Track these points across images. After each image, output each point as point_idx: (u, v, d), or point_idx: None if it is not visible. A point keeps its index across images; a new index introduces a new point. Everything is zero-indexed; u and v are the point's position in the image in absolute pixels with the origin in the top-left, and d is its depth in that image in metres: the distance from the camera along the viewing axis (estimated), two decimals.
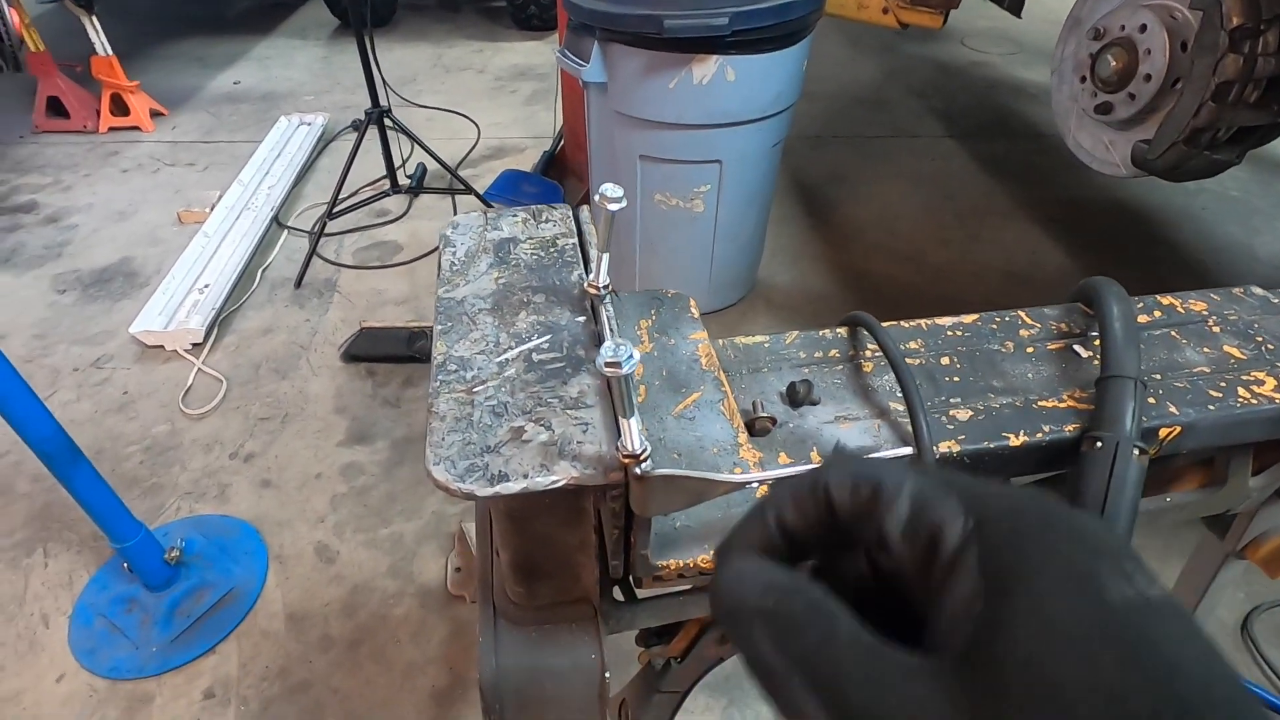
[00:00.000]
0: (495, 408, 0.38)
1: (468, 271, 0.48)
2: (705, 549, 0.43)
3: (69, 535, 1.73)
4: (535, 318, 0.44)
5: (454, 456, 0.35)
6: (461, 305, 0.45)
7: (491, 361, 0.41)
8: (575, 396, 0.39)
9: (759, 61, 1.80)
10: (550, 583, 0.52)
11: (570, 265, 0.49)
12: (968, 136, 3.49)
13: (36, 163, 3.26)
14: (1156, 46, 1.37)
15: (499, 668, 0.52)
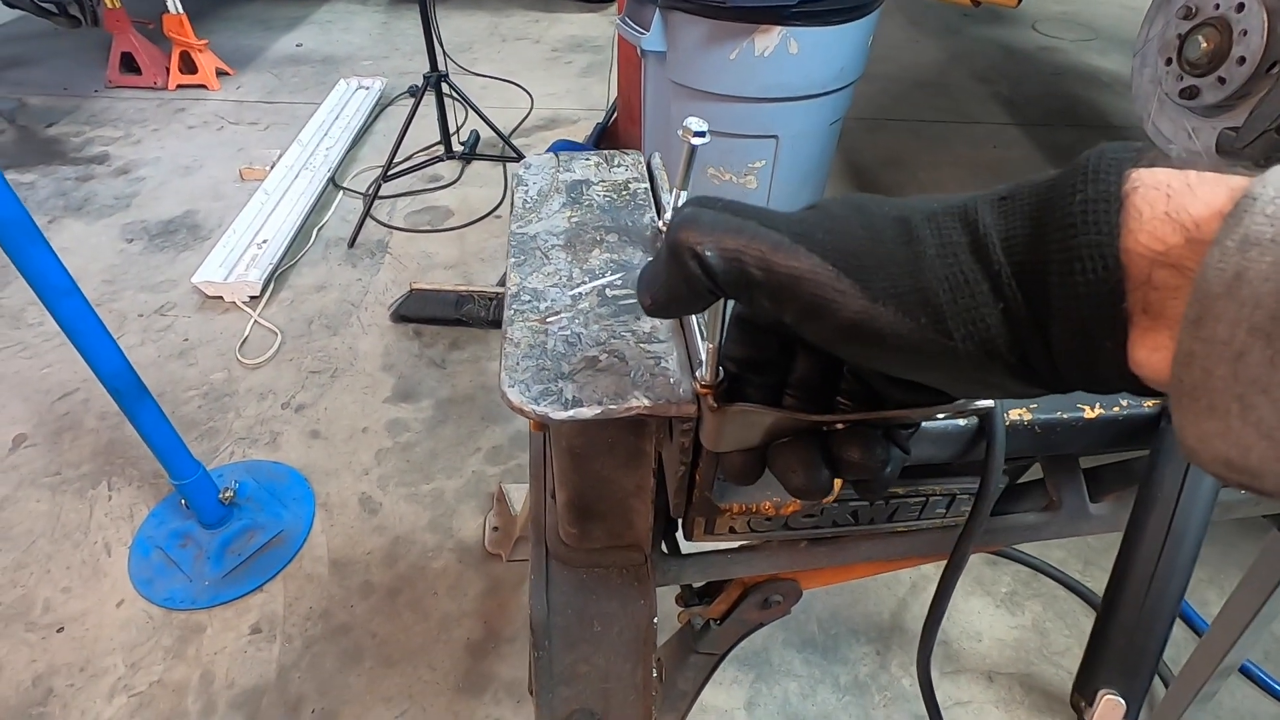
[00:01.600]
0: (569, 337, 0.38)
1: (540, 209, 0.48)
2: (769, 494, 0.42)
3: (131, 471, 1.81)
4: (608, 255, 0.44)
5: (528, 380, 0.35)
6: (535, 240, 0.45)
7: (565, 294, 0.41)
8: (648, 331, 0.39)
9: (824, 34, 1.76)
10: (604, 525, 0.52)
11: (642, 208, 0.49)
12: (1033, 125, 3.36)
13: (109, 116, 3.38)
14: (1254, 27, 1.29)
15: (550, 605, 0.53)
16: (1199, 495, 0.46)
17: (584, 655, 0.54)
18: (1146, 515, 0.47)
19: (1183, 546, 0.45)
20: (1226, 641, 1.00)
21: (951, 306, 0.26)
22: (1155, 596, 0.46)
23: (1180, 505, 0.46)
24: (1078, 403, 0.51)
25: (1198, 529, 0.45)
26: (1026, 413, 0.50)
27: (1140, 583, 0.47)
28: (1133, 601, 0.47)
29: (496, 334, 2.20)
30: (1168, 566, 0.46)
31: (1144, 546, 0.47)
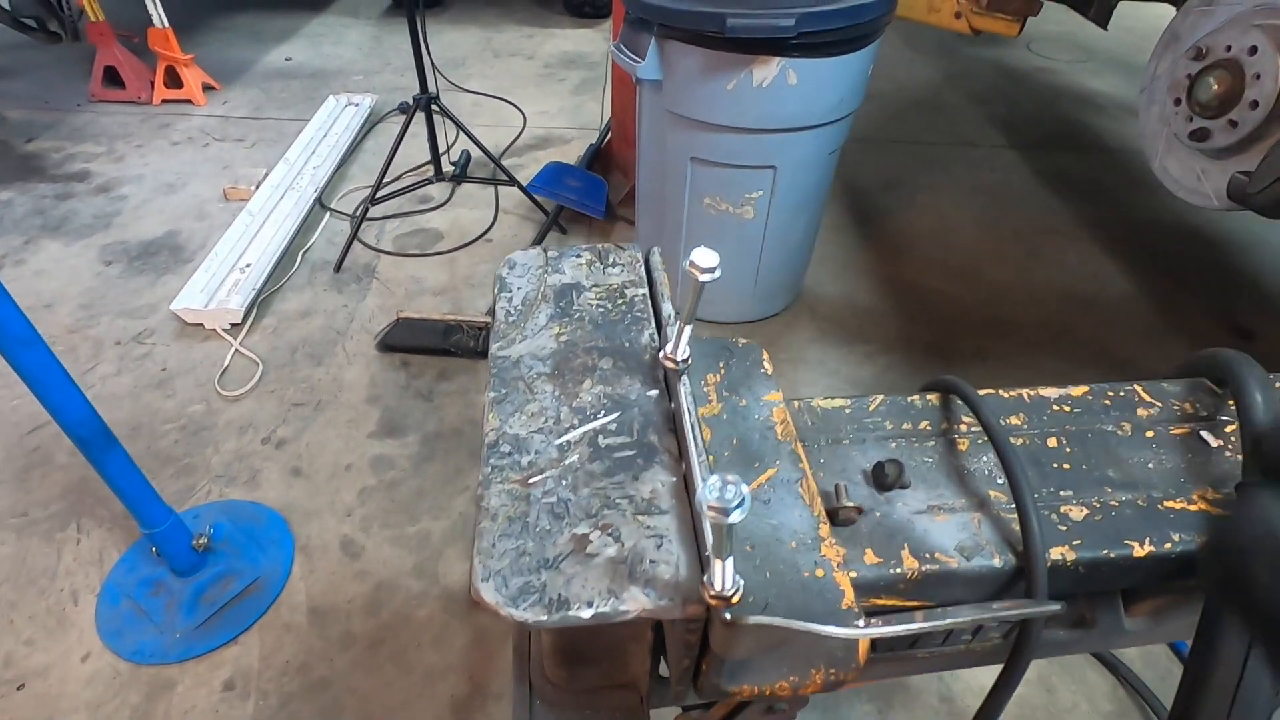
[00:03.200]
0: (555, 507, 0.32)
1: (525, 324, 0.42)
2: (786, 674, 0.37)
3: (102, 511, 1.74)
4: (602, 388, 0.38)
5: (506, 571, 0.30)
6: (518, 367, 0.39)
7: (551, 444, 0.35)
8: (648, 498, 0.33)
9: (824, 65, 1.72)
10: (595, 669, 0.47)
11: (641, 322, 0.44)
12: (1030, 147, 3.34)
13: (91, 131, 3.30)
14: (1267, 71, 1.26)
15: None
16: (1261, 684, 0.41)
17: None
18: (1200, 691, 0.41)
19: None
20: None
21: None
22: None
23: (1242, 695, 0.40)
24: (1124, 538, 0.46)
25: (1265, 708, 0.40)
26: (1069, 551, 0.45)
27: None
28: None
29: (485, 364, 2.13)
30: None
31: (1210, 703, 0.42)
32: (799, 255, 2.27)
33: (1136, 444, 0.52)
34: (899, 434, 0.52)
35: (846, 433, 0.52)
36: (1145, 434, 0.53)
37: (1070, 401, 0.55)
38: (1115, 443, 0.52)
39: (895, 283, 2.52)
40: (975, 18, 2.29)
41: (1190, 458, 0.52)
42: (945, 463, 0.50)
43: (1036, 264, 2.63)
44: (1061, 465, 0.50)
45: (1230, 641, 0.41)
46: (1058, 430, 0.53)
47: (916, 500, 0.47)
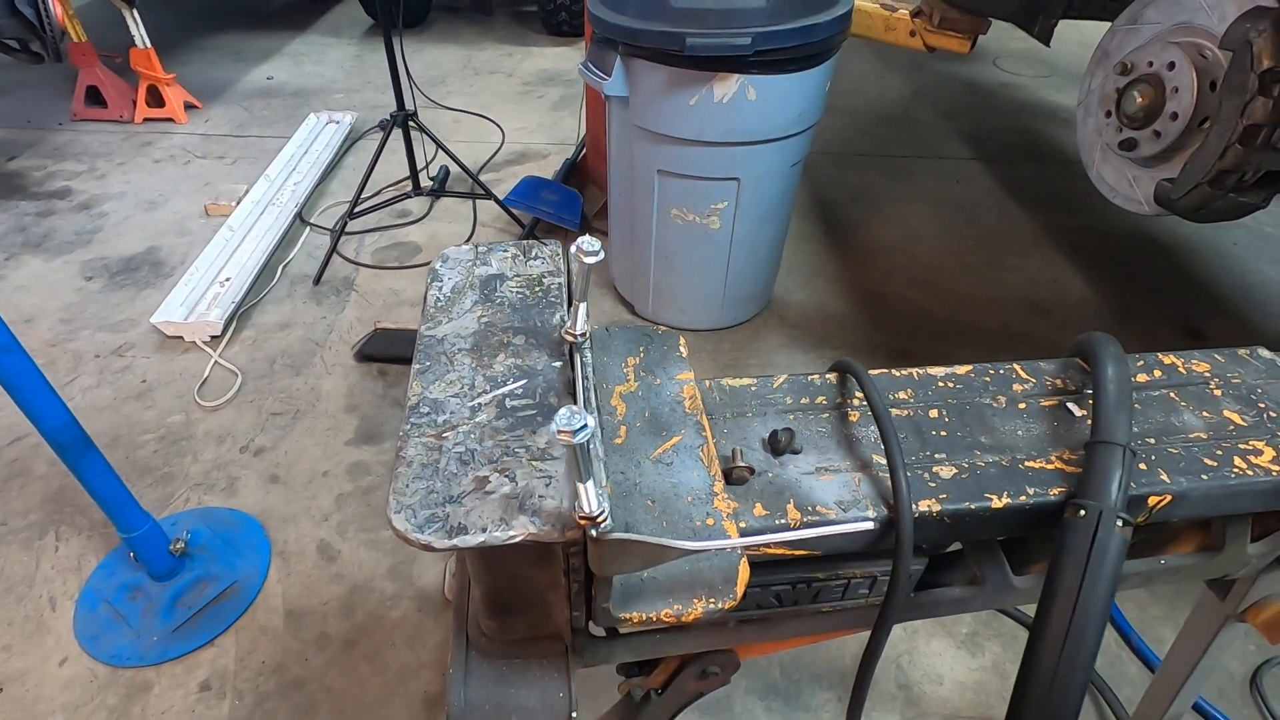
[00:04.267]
0: (463, 455, 0.38)
1: (451, 309, 0.48)
2: (670, 603, 0.42)
3: (80, 520, 1.76)
4: (513, 360, 0.44)
5: (416, 505, 0.35)
6: (441, 344, 0.45)
7: (465, 405, 0.41)
8: (542, 448, 0.39)
9: (781, 82, 1.80)
10: (522, 618, 0.52)
11: (554, 306, 0.50)
12: (994, 160, 3.45)
13: (73, 150, 3.34)
14: (1184, 85, 1.34)
15: (467, 700, 0.53)
16: (1102, 574, 0.47)
17: None
18: (1050, 606, 0.48)
19: (1082, 641, 0.46)
20: (1171, 689, 1.02)
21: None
22: (1062, 682, 0.47)
23: (1080, 598, 0.46)
24: (985, 493, 0.52)
25: (1097, 624, 0.46)
26: (936, 504, 0.51)
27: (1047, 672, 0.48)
28: (1038, 692, 0.48)
29: None
30: (1070, 659, 0.47)
31: (1047, 641, 0.48)
32: (767, 264, 2.35)
33: (1009, 414, 0.59)
34: (797, 408, 0.58)
35: (751, 407, 0.58)
36: (1018, 406, 0.59)
37: (955, 379, 0.62)
38: (990, 413, 0.59)
39: (862, 290, 2.60)
40: (929, 35, 2.39)
41: (1055, 425, 0.58)
42: (836, 432, 0.56)
43: (999, 271, 2.72)
44: (939, 433, 0.56)
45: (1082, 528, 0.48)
46: (940, 403, 0.59)
47: (806, 463, 0.53)
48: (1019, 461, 0.54)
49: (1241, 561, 0.68)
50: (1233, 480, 0.54)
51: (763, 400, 0.58)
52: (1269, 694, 1.49)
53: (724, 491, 0.48)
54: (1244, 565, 0.69)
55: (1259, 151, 1.23)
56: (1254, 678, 1.52)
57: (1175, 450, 0.56)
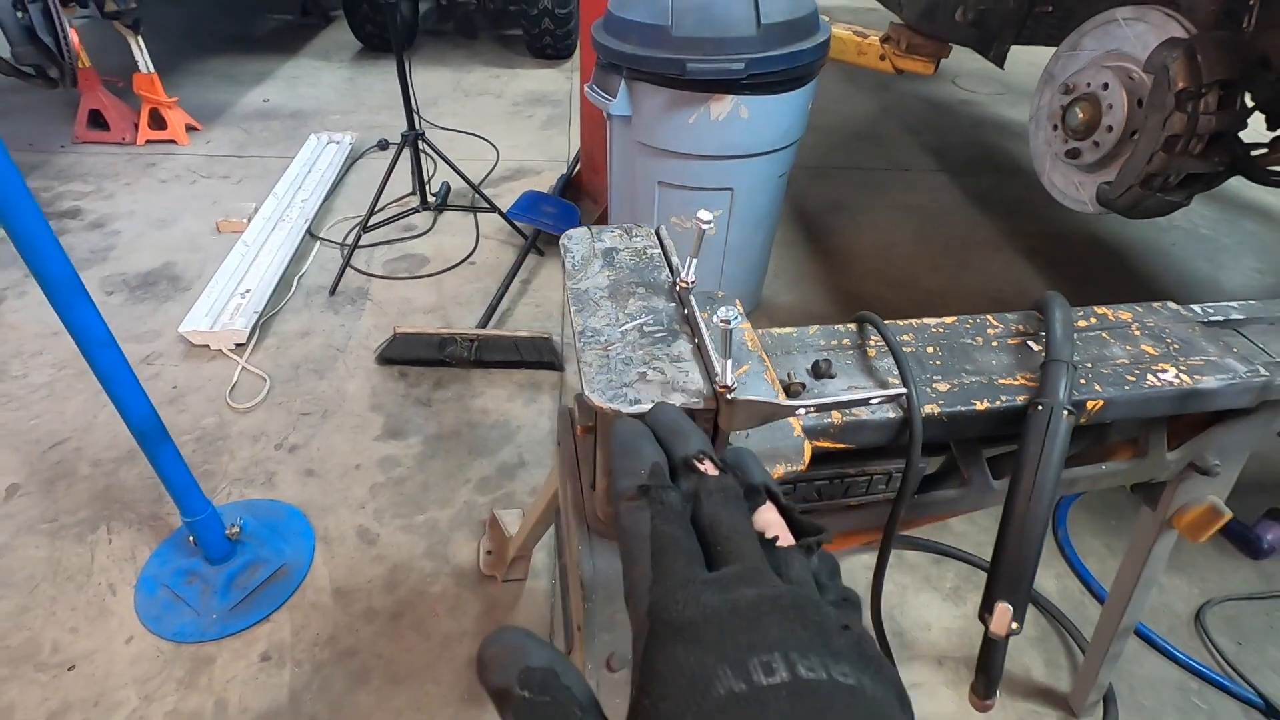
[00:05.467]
0: (624, 359, 0.55)
1: (585, 270, 0.66)
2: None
3: (129, 514, 1.88)
4: (640, 303, 0.62)
5: (601, 388, 0.53)
6: (587, 294, 0.63)
7: (616, 330, 0.58)
8: (677, 355, 0.57)
9: (770, 101, 2.01)
10: None
11: (659, 268, 0.68)
12: (957, 171, 3.73)
13: (78, 171, 3.44)
14: (1116, 102, 1.58)
15: (594, 567, 0.70)
16: (1054, 449, 0.66)
17: (621, 607, 0.70)
18: (1017, 479, 0.67)
19: (1041, 499, 0.65)
20: (1121, 604, 1.22)
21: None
22: (1026, 535, 0.66)
23: (1039, 469, 0.65)
24: (971, 400, 0.71)
25: (1050, 489, 0.65)
26: (936, 407, 0.70)
27: (1016, 527, 0.67)
28: (1012, 541, 0.67)
29: (479, 373, 2.34)
30: (1033, 513, 0.65)
31: (1017, 502, 0.67)
32: (757, 268, 2.55)
33: (985, 350, 0.78)
34: (829, 347, 0.77)
35: (794, 347, 0.76)
36: (991, 344, 0.79)
37: (944, 326, 0.81)
38: (972, 350, 0.78)
39: (842, 292, 2.82)
40: (896, 59, 2.64)
41: (1019, 357, 0.78)
42: (860, 363, 0.75)
43: (965, 273, 2.96)
44: (935, 362, 0.76)
45: (1040, 419, 0.67)
46: (933, 343, 0.78)
47: (841, 383, 0.72)
48: (994, 379, 0.74)
49: (1162, 466, 0.88)
50: (1146, 389, 0.74)
51: (802, 343, 0.77)
52: (1211, 629, 1.71)
53: (785, 399, 0.66)
54: (1164, 470, 0.89)
55: (1178, 157, 1.47)
56: (1198, 615, 1.73)
57: (1106, 370, 0.76)
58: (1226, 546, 1.90)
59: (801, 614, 0.26)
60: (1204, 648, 1.68)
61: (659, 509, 0.32)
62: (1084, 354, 0.78)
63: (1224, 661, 1.64)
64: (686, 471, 0.36)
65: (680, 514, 0.32)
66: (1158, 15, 1.54)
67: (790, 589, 0.28)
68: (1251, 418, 0.83)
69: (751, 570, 0.29)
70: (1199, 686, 1.60)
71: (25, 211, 1.09)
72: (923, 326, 0.80)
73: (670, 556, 0.30)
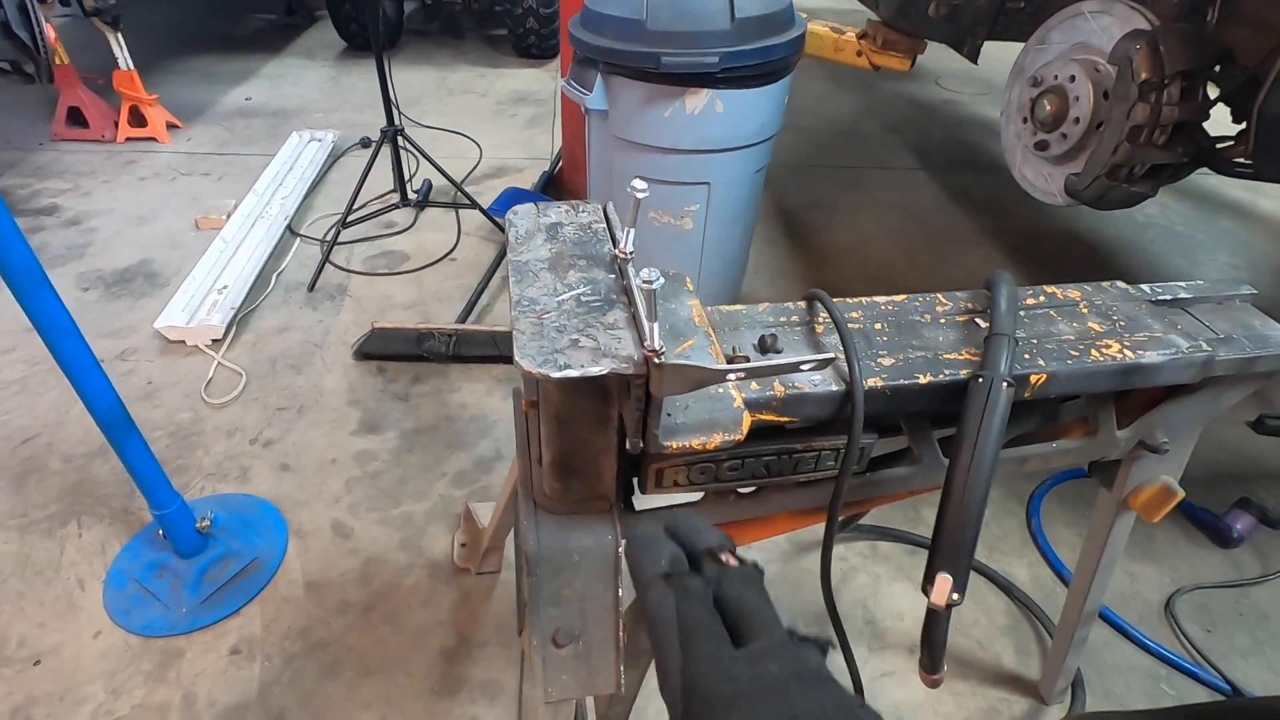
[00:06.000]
0: (558, 327, 0.56)
1: (528, 244, 0.66)
2: (699, 437, 0.60)
3: (100, 509, 1.86)
4: (580, 274, 0.62)
5: (534, 354, 0.53)
6: (527, 265, 0.63)
7: (553, 300, 0.59)
8: (611, 322, 0.57)
9: (745, 95, 2.02)
10: (580, 480, 0.70)
11: (602, 241, 0.68)
12: (937, 169, 3.76)
13: (56, 169, 3.41)
14: (1083, 94, 1.60)
15: (540, 542, 0.70)
16: (994, 420, 0.67)
17: (566, 581, 0.71)
18: (958, 450, 0.67)
19: (980, 470, 0.66)
20: (1084, 587, 1.23)
21: None
22: (966, 506, 0.66)
23: (979, 440, 0.66)
24: (914, 374, 0.71)
25: (990, 459, 0.66)
26: (879, 381, 0.70)
27: (956, 498, 0.67)
28: (952, 512, 0.67)
29: (457, 368, 2.34)
30: (972, 484, 0.66)
31: (957, 473, 0.67)
32: (735, 263, 2.56)
33: (933, 327, 0.79)
34: (777, 324, 0.77)
35: (743, 323, 0.77)
36: (940, 321, 0.80)
37: (893, 304, 0.82)
38: (920, 327, 0.79)
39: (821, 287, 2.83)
40: (873, 55, 2.66)
41: (966, 333, 0.78)
42: (807, 339, 0.76)
43: (944, 268, 2.98)
44: (882, 338, 0.76)
45: (980, 390, 0.67)
46: (882, 320, 0.79)
47: (787, 359, 0.73)
48: (939, 355, 0.74)
49: (1112, 444, 0.89)
50: (1090, 363, 0.74)
51: (751, 320, 0.77)
52: (1180, 616, 1.72)
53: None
54: (1115, 448, 0.90)
55: (1143, 148, 1.48)
56: (1167, 604, 1.75)
57: (1051, 346, 0.76)
58: (1197, 535, 1.92)
59: (824, 687, 0.30)
60: (1174, 635, 1.69)
61: (684, 594, 0.35)
62: (1030, 330, 0.79)
63: (1193, 648, 1.66)
64: (709, 562, 0.38)
65: (704, 598, 0.35)
66: (1123, 8, 1.56)
67: (814, 665, 0.31)
68: (1198, 395, 0.84)
69: (778, 644, 0.32)
70: (1167, 673, 1.61)
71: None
72: (872, 304, 0.81)
73: (699, 638, 0.33)
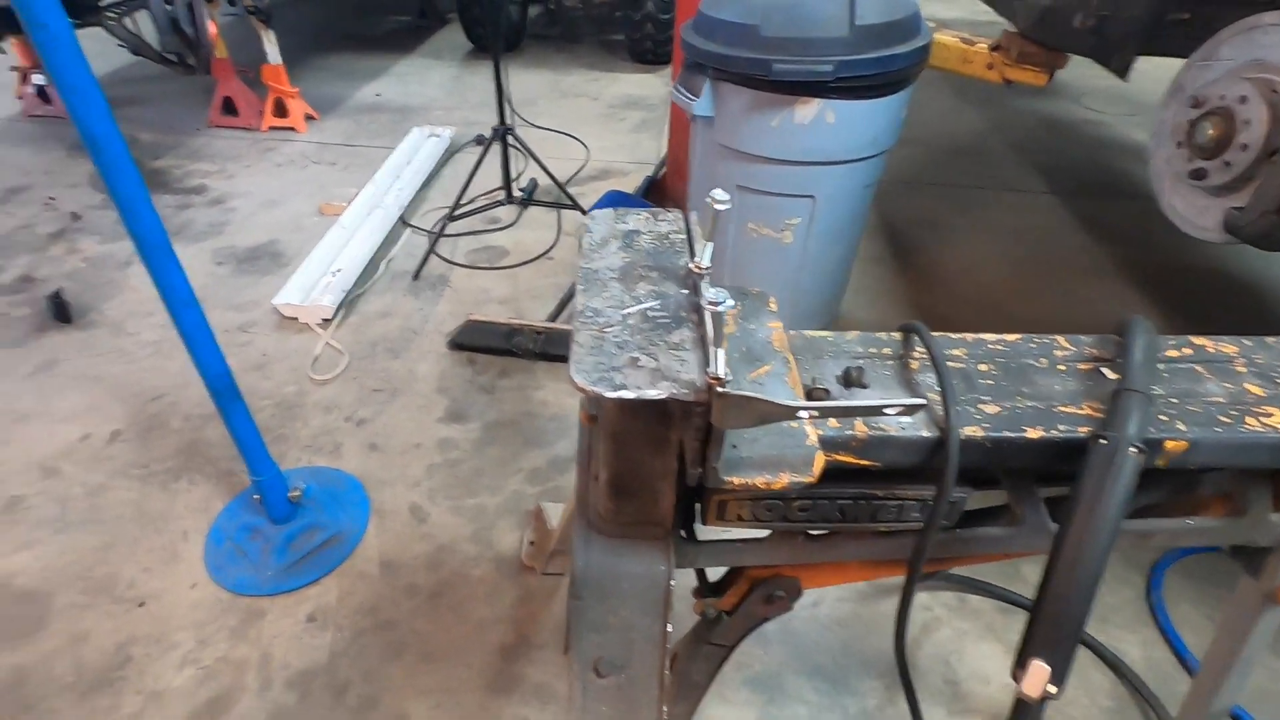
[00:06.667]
0: (619, 343, 0.52)
1: (602, 250, 0.63)
2: (764, 475, 0.55)
3: (209, 469, 2.00)
4: (651, 287, 0.59)
5: (589, 369, 0.49)
6: (597, 274, 0.60)
7: (618, 312, 0.55)
8: (677, 342, 0.53)
9: (859, 106, 1.92)
10: (635, 503, 0.66)
11: (679, 253, 0.64)
12: (1069, 194, 3.46)
13: (207, 152, 3.74)
14: (1255, 117, 1.40)
15: (588, 563, 0.67)
16: (1117, 490, 0.57)
17: (612, 608, 0.67)
18: (1070, 518, 0.58)
19: (1095, 544, 0.56)
20: (1213, 682, 1.07)
21: None
22: (1075, 584, 0.57)
23: (1096, 510, 0.57)
24: (1022, 426, 0.63)
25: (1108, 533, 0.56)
26: (979, 430, 0.62)
27: (1064, 573, 0.58)
28: (1057, 589, 0.58)
29: (543, 365, 2.36)
30: (1085, 560, 0.57)
31: (1067, 545, 0.58)
32: (835, 281, 2.45)
33: (1049, 373, 0.69)
34: (866, 355, 0.70)
35: (827, 351, 0.70)
36: (1058, 368, 0.70)
37: (1004, 344, 0.73)
38: (1033, 371, 0.69)
39: (927, 313, 2.67)
40: (1006, 69, 2.47)
41: (1089, 384, 0.68)
42: (899, 376, 0.68)
43: (1066, 301, 2.74)
44: (987, 381, 0.68)
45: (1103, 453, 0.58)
46: (989, 360, 0.70)
47: (872, 395, 0.66)
48: (1054, 406, 0.65)
49: (1264, 528, 0.75)
50: (1244, 433, 0.63)
51: (837, 348, 0.71)
52: None
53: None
54: (1267, 534, 0.76)
55: None
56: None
57: (1195, 408, 0.65)
58: None
59: None
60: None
61: None
62: (1170, 387, 0.68)
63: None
64: None
65: None
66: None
67: None
68: None
69: None
70: None
71: (127, 179, 1.17)
72: (979, 342, 0.72)
73: None
